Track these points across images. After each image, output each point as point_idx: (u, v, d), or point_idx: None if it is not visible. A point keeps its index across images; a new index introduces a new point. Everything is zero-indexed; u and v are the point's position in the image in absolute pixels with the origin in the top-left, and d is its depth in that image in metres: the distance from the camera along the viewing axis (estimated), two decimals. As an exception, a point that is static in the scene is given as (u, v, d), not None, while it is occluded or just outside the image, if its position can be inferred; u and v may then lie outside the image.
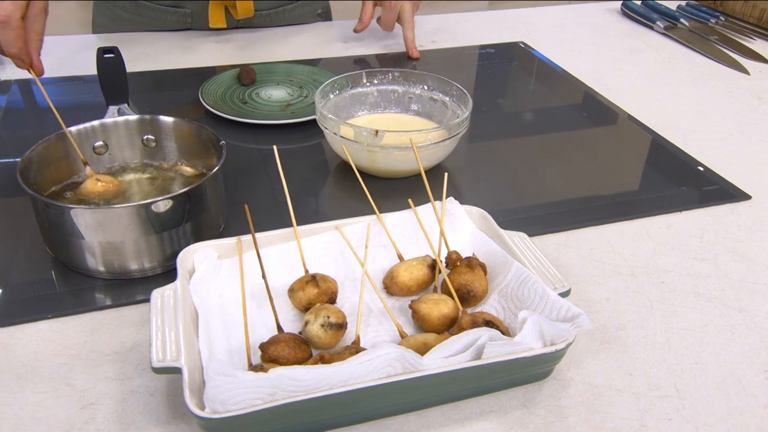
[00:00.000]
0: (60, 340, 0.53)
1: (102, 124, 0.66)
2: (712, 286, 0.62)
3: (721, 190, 0.77)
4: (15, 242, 0.64)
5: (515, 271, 0.55)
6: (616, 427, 0.47)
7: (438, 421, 0.47)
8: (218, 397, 0.41)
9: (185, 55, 1.07)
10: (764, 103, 1.01)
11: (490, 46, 1.17)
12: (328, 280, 0.55)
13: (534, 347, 0.46)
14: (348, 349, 0.47)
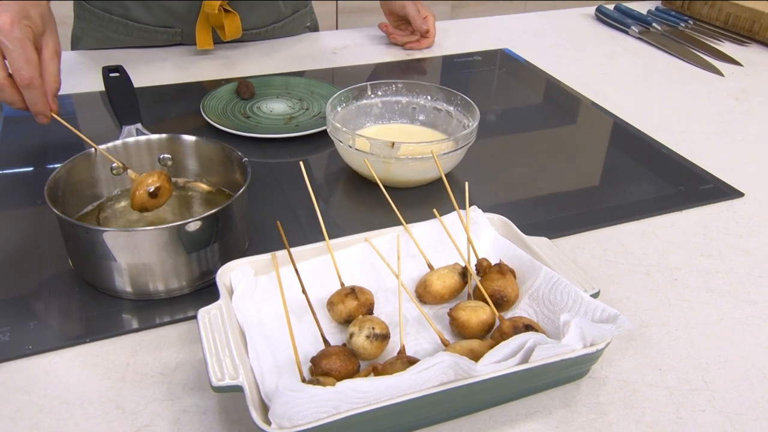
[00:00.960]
0: (102, 364, 0.53)
1: (124, 143, 0.65)
2: (722, 281, 0.65)
3: (715, 188, 0.81)
4: (40, 261, 0.63)
5: (544, 275, 0.57)
6: (654, 421, 0.50)
7: (487, 425, 0.49)
8: (286, 413, 0.42)
9: (177, 71, 1.06)
10: (741, 103, 1.06)
11: (476, 53, 1.20)
12: (365, 292, 0.56)
13: (576, 348, 0.49)
14: (399, 359, 0.49)
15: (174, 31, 1.12)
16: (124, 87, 0.76)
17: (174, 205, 0.67)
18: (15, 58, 0.64)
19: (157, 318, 0.58)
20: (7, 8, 0.65)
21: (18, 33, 0.63)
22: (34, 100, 0.66)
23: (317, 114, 0.92)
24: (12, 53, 0.64)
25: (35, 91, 0.65)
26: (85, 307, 0.58)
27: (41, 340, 0.54)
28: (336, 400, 0.43)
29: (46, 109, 0.67)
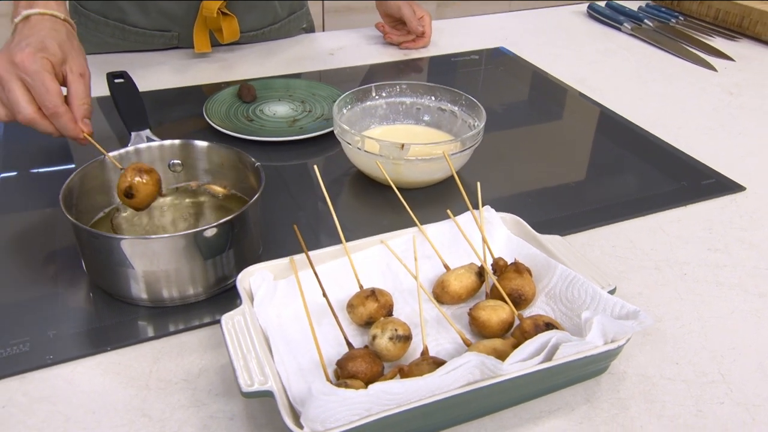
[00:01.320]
0: (125, 372, 0.53)
1: (136, 150, 0.65)
2: (730, 275, 0.66)
3: (717, 183, 0.82)
4: (53, 268, 0.63)
5: (560, 273, 0.58)
6: (675, 414, 0.51)
7: (511, 422, 0.50)
8: (319, 417, 0.42)
9: (176, 74, 1.06)
10: (735, 98, 1.08)
11: (473, 52, 1.21)
12: (384, 294, 0.56)
13: (599, 345, 0.49)
14: (424, 360, 0.49)
15: (171, 34, 1.12)
16: (130, 93, 0.75)
17: (185, 210, 0.67)
18: (36, 91, 0.66)
19: (176, 325, 0.58)
20: (26, 45, 0.67)
21: (35, 66, 0.65)
22: (63, 127, 0.67)
23: (320, 116, 0.92)
24: (33, 86, 0.66)
25: (62, 119, 0.66)
26: (102, 315, 0.58)
27: (62, 349, 0.54)
28: (368, 403, 0.43)
29: (77, 133, 0.67)
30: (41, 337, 0.55)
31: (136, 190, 0.59)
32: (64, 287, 0.61)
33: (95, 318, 0.58)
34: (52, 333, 0.56)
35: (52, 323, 0.57)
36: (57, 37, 0.70)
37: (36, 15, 0.71)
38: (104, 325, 0.57)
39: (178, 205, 0.68)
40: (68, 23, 0.73)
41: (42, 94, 0.65)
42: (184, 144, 0.66)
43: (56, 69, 0.68)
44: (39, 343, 0.55)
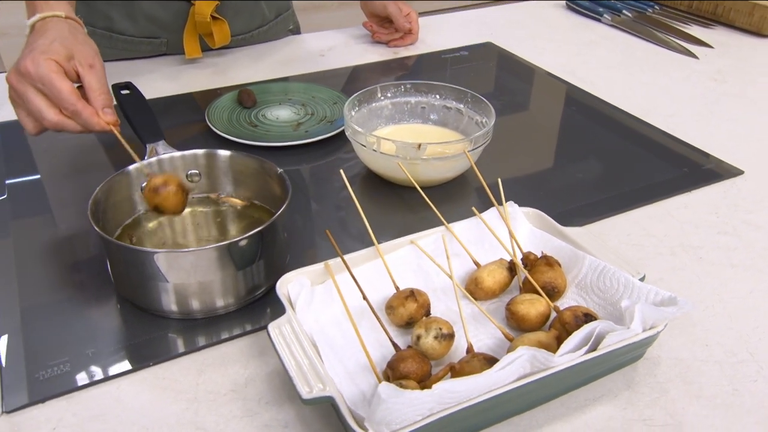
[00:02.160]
0: (171, 386, 0.52)
1: (159, 160, 0.65)
2: (743, 256, 0.69)
3: (716, 168, 0.85)
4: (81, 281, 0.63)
5: (589, 264, 0.59)
6: (713, 394, 0.53)
7: (560, 412, 0.51)
8: (385, 419, 0.43)
9: (169, 82, 1.05)
10: (720, 84, 1.11)
11: (462, 48, 1.22)
12: (422, 294, 0.57)
13: (640, 332, 0.51)
14: (474, 357, 0.50)
15: (159, 41, 1.10)
16: (138, 104, 0.74)
17: (209, 221, 0.67)
18: (51, 95, 0.65)
19: (212, 336, 0.57)
20: (29, 52, 0.66)
21: (42, 70, 0.64)
22: (86, 123, 0.66)
23: (323, 119, 0.92)
24: (46, 91, 0.65)
25: (82, 115, 0.65)
26: (136, 330, 0.58)
27: (103, 367, 0.54)
28: (432, 402, 0.44)
29: (101, 126, 0.66)
30: (80, 356, 0.55)
31: (163, 205, 0.59)
32: (93, 302, 0.60)
33: (130, 333, 0.57)
34: (90, 351, 0.55)
35: (88, 341, 0.56)
36: (59, 36, 0.68)
37: (38, 21, 0.70)
38: (142, 340, 0.56)
39: (200, 215, 0.68)
40: (71, 20, 0.72)
41: (56, 96, 0.64)
42: (207, 153, 0.66)
43: (65, 66, 0.66)
44: (79, 362, 0.54)
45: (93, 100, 0.66)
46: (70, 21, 0.72)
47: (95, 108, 0.66)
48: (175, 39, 1.10)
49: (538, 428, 0.50)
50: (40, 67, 0.64)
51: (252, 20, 1.17)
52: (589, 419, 0.51)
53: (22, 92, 0.65)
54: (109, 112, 0.66)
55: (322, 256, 0.62)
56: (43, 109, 0.65)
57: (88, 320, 0.58)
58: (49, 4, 0.71)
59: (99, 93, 0.67)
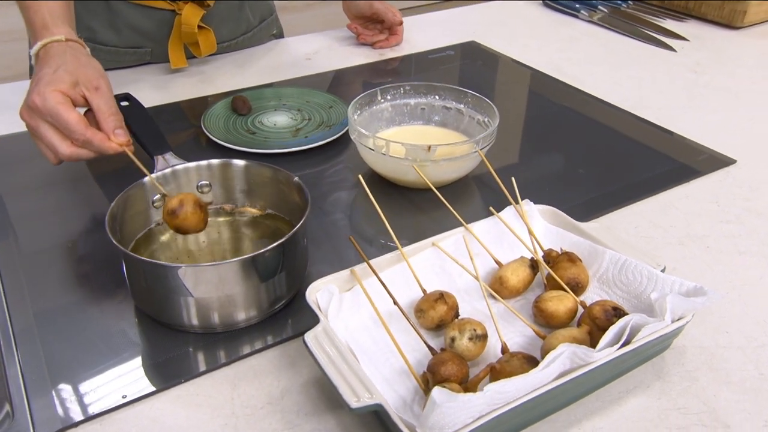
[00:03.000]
0: (206, 402, 0.51)
1: (174, 171, 0.63)
2: (748, 243, 0.71)
3: (710, 158, 0.87)
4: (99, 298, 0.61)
5: (610, 258, 0.60)
6: (741, 379, 0.54)
7: (596, 406, 0.52)
8: (438, 423, 0.43)
9: (156, 91, 1.02)
10: (700, 75, 1.14)
11: (448, 48, 1.22)
12: (451, 296, 0.57)
13: (671, 323, 0.52)
14: (514, 357, 0.50)
15: (143, 51, 1.08)
16: (140, 115, 0.73)
17: (223, 232, 0.66)
18: (61, 127, 0.64)
19: (241, 349, 0.57)
20: (35, 85, 0.65)
21: (48, 103, 0.64)
22: (98, 150, 0.66)
23: (321, 123, 0.91)
24: (56, 124, 0.65)
25: (93, 144, 0.65)
26: (160, 346, 0.56)
27: (133, 386, 0.52)
28: (483, 404, 0.44)
29: (115, 149, 0.66)
30: (106, 376, 0.53)
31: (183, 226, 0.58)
32: (111, 319, 0.59)
33: (155, 351, 0.56)
34: (116, 371, 0.54)
35: (112, 361, 0.55)
36: (62, 63, 0.67)
37: (41, 49, 0.70)
38: (169, 357, 0.55)
39: (214, 226, 0.66)
40: (72, 41, 0.71)
41: (65, 129, 0.64)
42: (222, 164, 0.65)
43: (70, 95, 0.65)
44: (106, 383, 0.53)
45: (103, 123, 0.66)
46: (71, 44, 0.71)
47: (106, 131, 0.66)
48: (159, 49, 1.08)
49: (578, 423, 0.50)
50: (46, 101, 0.63)
51: (237, 27, 1.15)
52: (626, 411, 0.51)
53: (34, 127, 0.65)
54: (120, 133, 0.66)
55: (339, 263, 0.62)
56: (56, 144, 0.65)
57: (109, 339, 0.57)
58: (49, 30, 0.70)
59: (108, 115, 0.66)
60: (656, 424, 0.50)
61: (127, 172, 0.64)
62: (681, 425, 0.50)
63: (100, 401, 0.51)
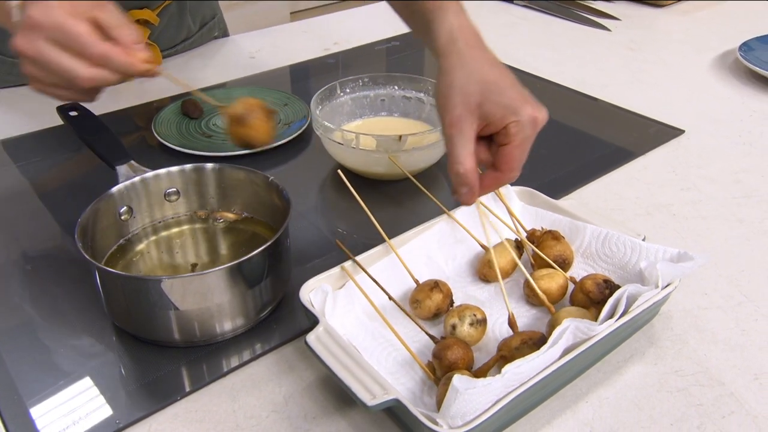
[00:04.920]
0: (207, 418, 0.49)
1: (143, 180, 0.60)
2: (709, 207, 0.74)
3: (661, 130, 0.90)
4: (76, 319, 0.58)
5: (591, 232, 0.61)
6: (726, 337, 0.56)
7: (598, 378, 0.53)
8: (461, 411, 0.42)
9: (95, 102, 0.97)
10: (636, 52, 1.18)
11: (393, 38, 1.22)
12: (445, 284, 0.57)
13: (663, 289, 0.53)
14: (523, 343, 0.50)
15: None
16: (93, 125, 0.68)
17: (199, 240, 0.63)
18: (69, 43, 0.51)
19: (235, 359, 0.54)
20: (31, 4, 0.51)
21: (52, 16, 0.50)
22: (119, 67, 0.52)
23: (279, 122, 0.89)
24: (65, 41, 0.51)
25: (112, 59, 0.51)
26: (148, 364, 0.54)
27: (126, 410, 0.49)
28: (502, 387, 0.44)
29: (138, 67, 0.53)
30: (93, 402, 0.50)
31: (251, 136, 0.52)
32: (89, 340, 0.56)
33: (142, 369, 0.53)
34: (104, 396, 0.50)
35: (102, 386, 0.51)
36: None
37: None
38: (159, 375, 0.52)
39: (189, 234, 0.64)
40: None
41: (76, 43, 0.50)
42: (194, 168, 0.62)
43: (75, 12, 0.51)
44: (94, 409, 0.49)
45: (118, 38, 0.52)
46: None
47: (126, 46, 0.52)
48: None
49: (585, 396, 0.51)
50: (50, 14, 0.50)
51: (177, 35, 1.11)
52: (627, 380, 0.53)
53: (36, 53, 0.51)
54: (141, 47, 0.53)
55: (322, 263, 0.61)
56: (71, 66, 0.51)
57: (94, 361, 0.53)
58: None
59: (121, 28, 0.52)
60: (658, 389, 0.52)
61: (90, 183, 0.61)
62: (680, 387, 0.52)
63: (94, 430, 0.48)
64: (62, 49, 0.51)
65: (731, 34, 1.22)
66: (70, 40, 0.51)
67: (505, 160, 0.54)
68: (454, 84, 0.54)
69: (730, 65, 1.11)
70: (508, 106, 0.53)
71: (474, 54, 0.56)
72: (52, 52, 0.51)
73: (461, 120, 0.53)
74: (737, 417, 0.49)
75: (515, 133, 0.53)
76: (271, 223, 0.64)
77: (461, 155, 0.52)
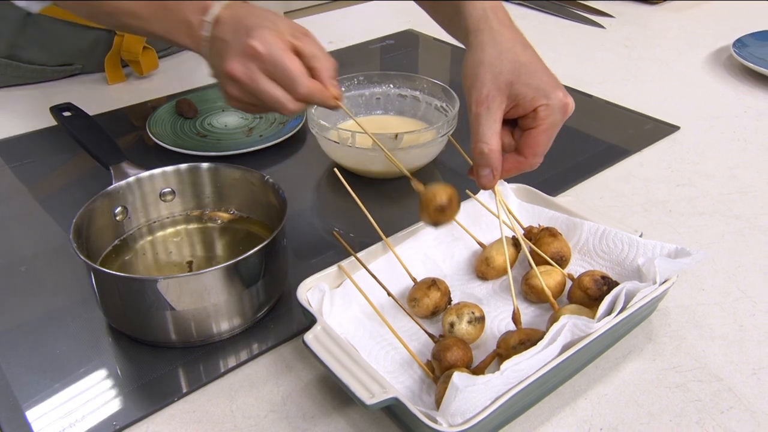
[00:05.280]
0: (205, 419, 0.49)
1: (138, 180, 0.60)
2: (705, 203, 0.74)
3: (656, 126, 0.90)
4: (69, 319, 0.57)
5: (588, 229, 0.61)
6: (723, 333, 0.56)
7: (597, 374, 0.53)
8: (460, 408, 0.42)
9: (93, 100, 0.97)
10: (631, 49, 1.19)
11: (387, 37, 1.22)
12: (443, 282, 0.56)
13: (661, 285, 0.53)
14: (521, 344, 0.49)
15: (73, 68, 1.02)
16: (87, 125, 0.68)
17: (194, 240, 0.63)
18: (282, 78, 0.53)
19: (233, 359, 0.54)
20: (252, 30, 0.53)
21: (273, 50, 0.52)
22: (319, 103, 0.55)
23: (274, 121, 0.89)
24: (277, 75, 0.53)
25: (315, 96, 0.54)
26: (144, 365, 0.53)
27: (123, 412, 0.49)
28: (500, 384, 0.44)
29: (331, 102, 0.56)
30: (90, 404, 0.50)
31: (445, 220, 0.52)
32: (85, 341, 0.55)
33: (138, 370, 0.53)
34: (101, 397, 0.50)
35: (96, 387, 0.51)
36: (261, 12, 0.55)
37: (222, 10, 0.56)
38: (156, 376, 0.52)
39: (185, 234, 0.63)
40: None
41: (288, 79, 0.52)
42: (189, 168, 0.62)
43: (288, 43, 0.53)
44: (91, 411, 0.49)
45: (322, 72, 0.54)
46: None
47: (323, 81, 0.54)
48: (91, 64, 1.02)
49: (584, 393, 0.51)
50: (271, 47, 0.51)
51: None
52: (626, 376, 0.52)
53: (252, 82, 0.52)
54: (335, 84, 0.55)
55: (318, 263, 0.60)
56: (282, 100, 0.53)
57: (90, 362, 0.53)
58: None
59: (320, 61, 0.54)
60: (656, 385, 0.52)
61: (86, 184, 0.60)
62: (679, 383, 0.52)
63: (90, 431, 0.47)
64: (274, 80, 0.53)
65: (725, 30, 1.22)
66: (284, 76, 0.52)
67: (531, 144, 0.53)
68: (485, 61, 0.53)
69: (725, 62, 1.11)
70: (539, 88, 0.52)
71: (506, 33, 0.55)
72: (267, 85, 0.53)
73: (489, 98, 0.52)
74: (736, 412, 0.49)
75: (544, 117, 0.52)
76: (267, 222, 0.63)
77: (487, 134, 0.51)
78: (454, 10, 0.60)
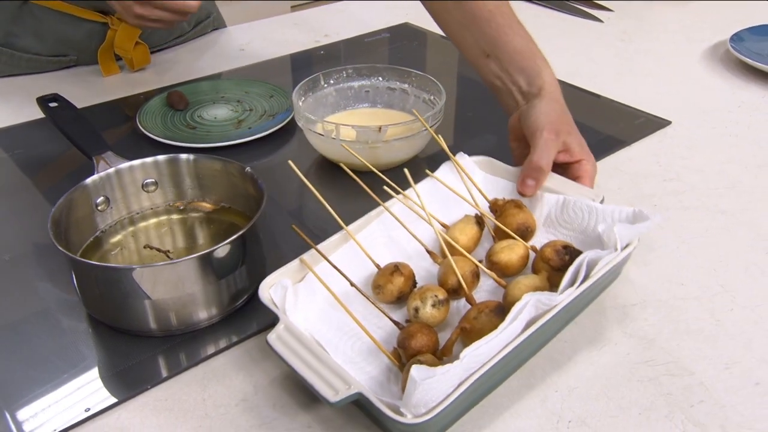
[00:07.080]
0: (177, 407, 0.49)
1: (117, 171, 0.60)
2: (692, 198, 0.73)
3: (647, 121, 0.90)
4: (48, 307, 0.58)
5: (548, 199, 0.62)
6: (699, 328, 0.56)
7: (569, 367, 0.53)
8: (422, 400, 0.42)
9: (85, 92, 0.98)
10: (628, 43, 1.18)
11: (383, 30, 1.22)
12: (406, 266, 0.56)
13: (623, 250, 0.54)
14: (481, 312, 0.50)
15: (68, 59, 1.03)
16: (72, 116, 0.69)
17: (176, 231, 0.63)
18: None
19: (206, 349, 0.55)
20: None
21: None
22: None
23: (263, 113, 0.89)
24: None
25: None
26: (120, 353, 0.54)
27: (95, 398, 0.50)
28: (462, 371, 0.44)
29: None
30: (63, 390, 0.50)
31: None
32: (63, 329, 0.56)
33: (114, 358, 0.53)
34: (74, 384, 0.51)
35: (68, 373, 0.52)
36: None
37: None
38: (131, 364, 0.53)
39: (166, 225, 0.64)
40: None
41: None
42: (169, 159, 0.62)
43: None
44: (64, 397, 0.50)
45: None
46: None
47: None
48: (86, 56, 1.03)
49: (554, 385, 0.51)
50: None
51: (169, 33, 1.11)
52: (598, 369, 0.52)
53: None
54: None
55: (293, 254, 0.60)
56: None
57: (63, 352, 0.54)
58: None
59: None
60: (628, 378, 0.52)
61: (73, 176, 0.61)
62: (650, 376, 0.52)
63: (60, 417, 0.48)
64: None
65: (723, 25, 1.21)
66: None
67: None
68: (547, 115, 0.67)
69: (722, 56, 1.10)
70: (581, 144, 0.68)
71: (557, 105, 0.70)
72: None
73: (554, 134, 0.65)
74: (705, 406, 0.49)
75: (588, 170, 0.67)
76: (248, 213, 0.64)
77: (548, 156, 0.64)
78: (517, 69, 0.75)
